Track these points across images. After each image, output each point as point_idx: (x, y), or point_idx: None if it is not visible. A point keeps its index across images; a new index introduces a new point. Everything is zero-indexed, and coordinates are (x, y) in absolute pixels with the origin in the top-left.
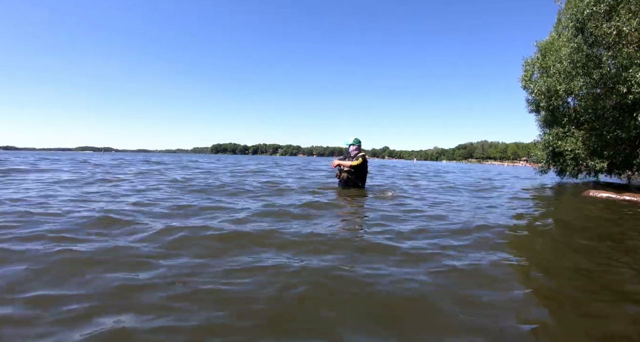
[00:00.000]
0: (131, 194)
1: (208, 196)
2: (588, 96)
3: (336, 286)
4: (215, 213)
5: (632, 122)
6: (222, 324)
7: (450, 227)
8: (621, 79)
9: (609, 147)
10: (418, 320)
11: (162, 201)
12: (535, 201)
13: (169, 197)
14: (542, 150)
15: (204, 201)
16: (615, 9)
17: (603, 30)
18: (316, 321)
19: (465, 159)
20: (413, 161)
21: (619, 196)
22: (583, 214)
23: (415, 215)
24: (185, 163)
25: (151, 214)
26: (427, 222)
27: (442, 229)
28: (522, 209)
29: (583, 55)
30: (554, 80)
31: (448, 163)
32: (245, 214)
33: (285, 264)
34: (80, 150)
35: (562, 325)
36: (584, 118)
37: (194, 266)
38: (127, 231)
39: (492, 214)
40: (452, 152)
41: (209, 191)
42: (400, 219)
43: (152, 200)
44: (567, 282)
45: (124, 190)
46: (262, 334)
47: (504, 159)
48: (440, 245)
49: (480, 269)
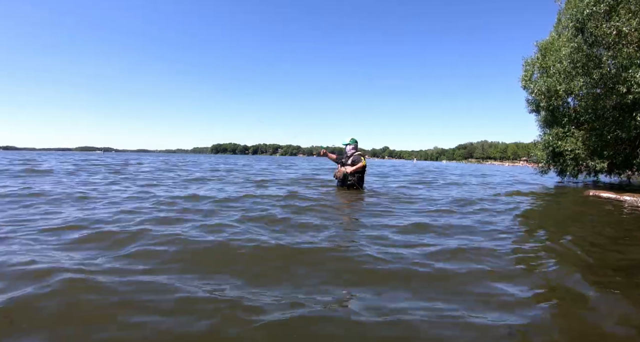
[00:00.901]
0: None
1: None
2: (588, 96)
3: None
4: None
5: (632, 122)
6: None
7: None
8: (621, 79)
9: (609, 147)
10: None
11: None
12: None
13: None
14: (542, 151)
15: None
16: (615, 9)
17: (603, 30)
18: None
19: (465, 159)
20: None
21: (619, 196)
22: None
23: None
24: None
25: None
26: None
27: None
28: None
29: (583, 55)
30: (553, 80)
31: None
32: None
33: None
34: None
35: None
36: (584, 118)
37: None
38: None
39: None
40: (452, 152)
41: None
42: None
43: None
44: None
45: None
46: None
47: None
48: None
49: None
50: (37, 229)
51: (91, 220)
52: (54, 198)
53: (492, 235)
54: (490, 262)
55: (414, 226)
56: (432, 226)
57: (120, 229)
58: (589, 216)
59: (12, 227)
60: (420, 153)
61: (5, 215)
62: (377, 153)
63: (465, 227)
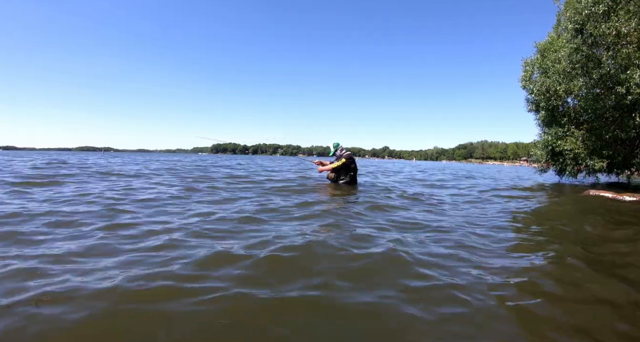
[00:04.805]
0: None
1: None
2: (588, 96)
3: None
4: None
5: (631, 122)
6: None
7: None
8: (620, 80)
9: (608, 147)
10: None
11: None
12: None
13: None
14: (542, 150)
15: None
16: (613, 10)
17: (602, 31)
18: None
19: (465, 159)
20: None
21: (618, 196)
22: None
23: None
24: None
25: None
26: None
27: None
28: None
29: (582, 55)
30: (553, 80)
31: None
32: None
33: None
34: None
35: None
36: (583, 118)
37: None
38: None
39: None
40: (452, 152)
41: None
42: None
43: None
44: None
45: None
46: None
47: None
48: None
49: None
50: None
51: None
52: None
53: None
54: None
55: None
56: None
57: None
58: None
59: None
60: (420, 153)
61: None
62: (377, 153)
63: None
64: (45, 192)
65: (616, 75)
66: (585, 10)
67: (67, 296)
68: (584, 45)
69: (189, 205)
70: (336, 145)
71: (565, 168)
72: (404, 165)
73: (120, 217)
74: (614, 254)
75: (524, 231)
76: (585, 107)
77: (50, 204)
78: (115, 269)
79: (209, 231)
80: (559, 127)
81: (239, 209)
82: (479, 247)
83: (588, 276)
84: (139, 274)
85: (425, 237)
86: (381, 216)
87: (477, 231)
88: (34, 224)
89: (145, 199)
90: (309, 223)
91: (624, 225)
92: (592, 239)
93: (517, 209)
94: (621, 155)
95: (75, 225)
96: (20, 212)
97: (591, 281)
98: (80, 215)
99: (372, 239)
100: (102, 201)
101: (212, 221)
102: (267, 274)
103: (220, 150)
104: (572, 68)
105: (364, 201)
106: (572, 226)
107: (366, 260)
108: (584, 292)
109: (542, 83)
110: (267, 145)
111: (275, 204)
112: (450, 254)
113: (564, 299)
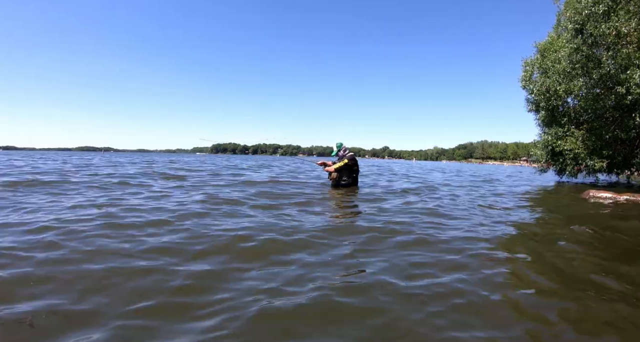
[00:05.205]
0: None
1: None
2: (588, 96)
3: None
4: None
5: (631, 122)
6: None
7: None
8: (620, 80)
9: (608, 147)
10: None
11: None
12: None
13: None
14: (542, 150)
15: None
16: (614, 10)
17: (602, 31)
18: None
19: (465, 159)
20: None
21: (618, 195)
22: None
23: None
24: None
25: None
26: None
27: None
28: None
29: (582, 55)
30: (553, 80)
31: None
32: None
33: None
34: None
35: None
36: (583, 118)
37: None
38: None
39: None
40: (452, 152)
41: None
42: None
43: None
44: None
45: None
46: None
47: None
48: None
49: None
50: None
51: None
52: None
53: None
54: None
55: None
56: None
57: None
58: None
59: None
60: (420, 153)
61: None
62: (377, 153)
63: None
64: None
65: (616, 75)
66: (585, 10)
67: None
68: (584, 45)
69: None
70: (339, 146)
71: (565, 168)
72: (409, 165)
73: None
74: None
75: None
76: (585, 107)
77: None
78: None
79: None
80: (559, 127)
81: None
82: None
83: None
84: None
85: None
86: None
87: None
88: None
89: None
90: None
91: (622, 224)
92: (586, 237)
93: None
94: (621, 155)
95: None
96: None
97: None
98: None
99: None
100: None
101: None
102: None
103: (220, 150)
104: (572, 68)
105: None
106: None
107: None
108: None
109: (542, 83)
110: (267, 145)
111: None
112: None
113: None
